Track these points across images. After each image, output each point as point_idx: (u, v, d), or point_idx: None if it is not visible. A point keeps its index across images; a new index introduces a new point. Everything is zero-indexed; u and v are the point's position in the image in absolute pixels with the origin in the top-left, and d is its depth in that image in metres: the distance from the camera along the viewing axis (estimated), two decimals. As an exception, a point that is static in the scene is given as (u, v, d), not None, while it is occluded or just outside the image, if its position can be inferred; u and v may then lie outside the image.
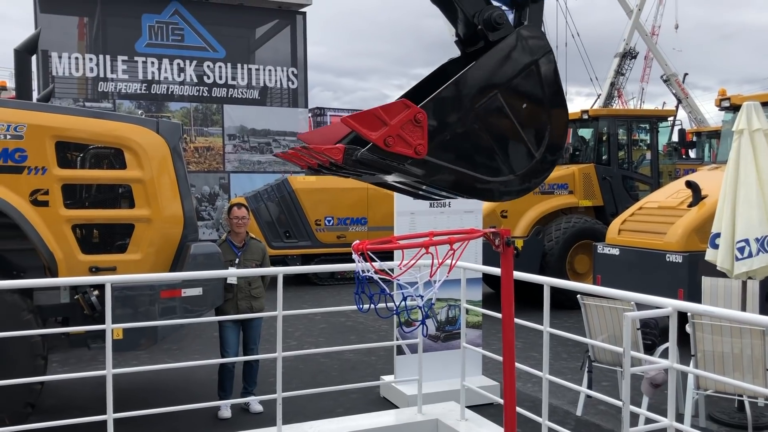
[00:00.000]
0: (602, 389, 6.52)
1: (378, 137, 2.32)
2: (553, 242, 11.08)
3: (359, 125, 2.31)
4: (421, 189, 2.72)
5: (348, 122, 2.32)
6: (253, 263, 6.27)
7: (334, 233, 14.18)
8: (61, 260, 5.20)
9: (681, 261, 8.02)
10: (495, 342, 8.50)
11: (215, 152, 19.80)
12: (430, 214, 6.59)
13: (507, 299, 2.70)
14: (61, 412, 6.01)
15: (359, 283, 2.51)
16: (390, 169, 2.45)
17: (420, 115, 2.38)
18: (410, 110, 2.38)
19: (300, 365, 7.75)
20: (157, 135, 5.62)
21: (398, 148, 2.37)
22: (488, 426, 5.20)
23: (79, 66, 18.67)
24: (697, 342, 5.35)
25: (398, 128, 2.36)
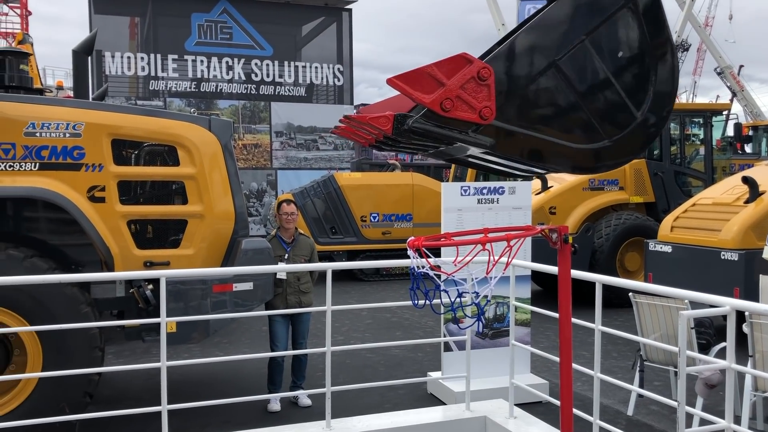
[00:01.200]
0: (654, 389, 6.40)
1: (433, 100, 1.95)
2: (603, 239, 10.90)
3: (408, 86, 1.94)
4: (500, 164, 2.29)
5: (394, 83, 1.94)
6: (302, 259, 6.33)
7: (380, 229, 14.22)
8: (117, 255, 5.34)
9: (737, 259, 7.80)
10: (543, 340, 8.41)
11: (263, 149, 20.05)
12: (478, 211, 6.55)
13: (564, 297, 2.66)
14: (117, 402, 6.19)
15: (414, 279, 2.49)
16: (450, 139, 2.06)
17: (485, 70, 1.99)
18: (472, 65, 1.97)
19: (347, 360, 7.80)
20: (209, 132, 5.71)
21: (458, 113, 1.99)
22: (537, 424, 5.15)
23: (131, 65, 19.11)
24: (755, 342, 5.20)
25: (457, 88, 1.97)
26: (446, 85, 1.96)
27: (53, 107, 5.40)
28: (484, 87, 1.99)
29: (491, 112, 2.02)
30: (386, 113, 2.09)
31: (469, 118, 2.01)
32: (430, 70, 1.95)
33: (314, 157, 20.50)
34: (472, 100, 2.00)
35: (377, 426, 5.13)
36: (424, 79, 1.95)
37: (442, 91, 1.95)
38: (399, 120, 2.05)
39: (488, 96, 2.00)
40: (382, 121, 2.07)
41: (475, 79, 1.99)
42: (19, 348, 5.10)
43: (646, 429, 5.73)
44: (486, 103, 2.01)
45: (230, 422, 5.73)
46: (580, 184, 11.27)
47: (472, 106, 2.00)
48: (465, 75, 1.98)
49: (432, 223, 13.29)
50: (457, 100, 1.98)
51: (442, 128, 2.02)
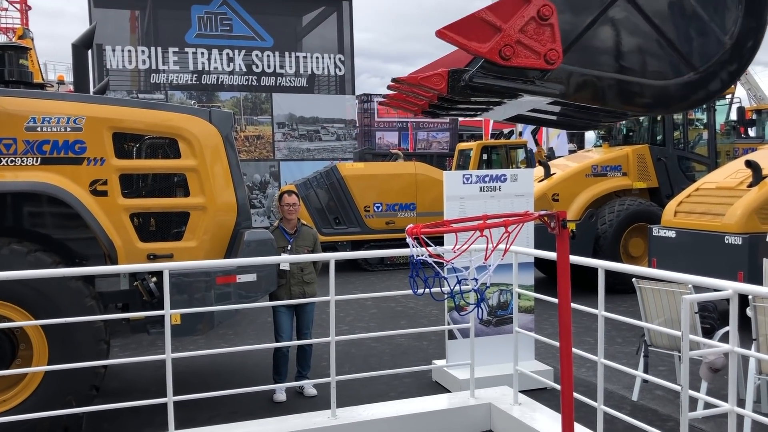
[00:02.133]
0: (658, 374, 6.40)
1: (490, 49, 1.72)
2: (607, 225, 10.89)
3: (460, 36, 1.70)
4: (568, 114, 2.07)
5: (445, 35, 1.71)
6: (305, 249, 6.34)
7: (383, 219, 14.22)
8: (120, 248, 5.36)
9: (740, 243, 7.79)
10: (547, 327, 8.42)
11: (265, 141, 20.05)
12: (480, 199, 6.54)
13: (563, 282, 2.67)
14: (124, 394, 6.23)
15: (413, 267, 2.49)
16: (514, 91, 1.84)
17: (546, 8, 1.76)
18: (530, 4, 1.74)
19: (352, 349, 7.83)
20: (209, 124, 5.72)
21: (521, 60, 1.76)
22: (542, 410, 5.17)
23: (132, 58, 19.10)
24: (758, 326, 5.19)
25: (517, 32, 1.74)
26: (503, 29, 1.73)
27: (54, 102, 5.41)
28: (547, 27, 1.76)
29: (558, 55, 1.79)
30: (439, 70, 1.87)
31: (533, 65, 1.78)
32: (483, 15, 1.72)
33: (317, 147, 20.49)
34: (535, 43, 1.76)
35: (383, 414, 5.16)
36: (478, 26, 1.72)
37: (500, 37, 1.72)
38: (454, 76, 1.83)
39: (552, 37, 1.77)
40: (434, 79, 1.84)
41: (535, 20, 1.75)
42: (24, 342, 5.13)
43: (651, 414, 5.74)
44: (551, 46, 1.77)
45: (236, 413, 5.77)
46: (582, 170, 11.25)
47: (535, 51, 1.76)
48: (523, 16, 1.74)
49: (435, 211, 13.28)
50: (518, 45, 1.75)
51: (503, 79, 1.80)
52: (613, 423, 4.92)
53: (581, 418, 4.80)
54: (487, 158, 17.77)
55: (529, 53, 1.77)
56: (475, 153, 17.64)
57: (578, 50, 1.84)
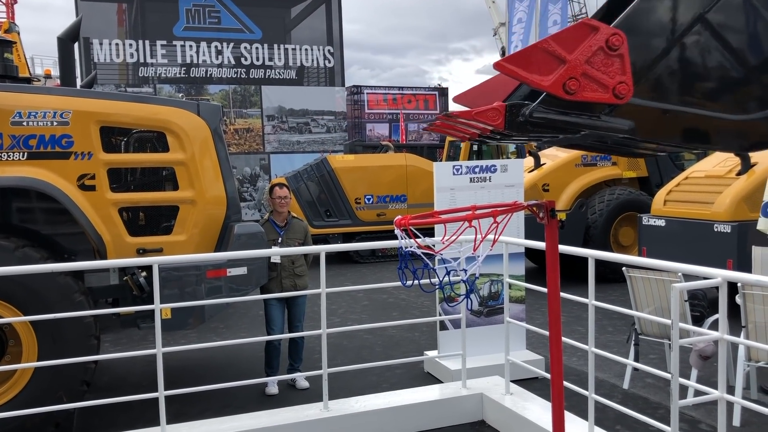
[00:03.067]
0: (649, 362, 6.44)
1: (553, 82, 1.59)
2: (597, 215, 10.92)
3: (521, 69, 1.58)
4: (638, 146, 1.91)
5: (504, 68, 1.60)
6: (296, 242, 6.33)
7: (374, 211, 14.21)
8: (110, 243, 5.32)
9: (730, 231, 7.83)
10: (539, 317, 8.45)
11: (255, 133, 19.98)
12: (471, 190, 6.54)
13: (552, 271, 2.67)
14: (115, 389, 6.21)
15: (402, 259, 2.48)
16: (578, 127, 1.72)
17: (615, 38, 1.61)
18: (598, 33, 1.60)
19: (344, 342, 7.83)
20: (197, 117, 5.68)
21: (587, 94, 1.63)
22: (533, 400, 5.19)
23: (120, 52, 18.97)
24: (747, 313, 5.23)
25: (583, 63, 1.60)
26: (568, 61, 1.59)
27: (40, 96, 5.35)
28: (616, 58, 1.62)
29: (628, 89, 1.64)
30: (495, 104, 1.74)
31: (600, 99, 1.64)
32: (546, 46, 1.59)
33: (307, 140, 20.44)
34: (603, 76, 1.62)
35: (375, 406, 5.16)
36: (540, 58, 1.59)
37: (564, 70, 1.59)
38: (512, 111, 1.72)
39: (622, 69, 1.63)
40: (490, 114, 1.72)
41: (603, 50, 1.61)
42: (13, 338, 5.09)
43: (642, 402, 5.77)
44: (620, 78, 1.63)
45: (229, 406, 5.76)
46: (572, 160, 11.27)
47: (603, 84, 1.62)
48: (591, 46, 1.60)
49: (427, 203, 13.28)
50: (584, 78, 1.61)
51: (567, 115, 1.67)
52: (605, 411, 4.94)
53: (573, 406, 4.83)
54: (477, 149, 17.76)
55: (596, 86, 1.64)
56: (465, 144, 17.62)
57: (649, 82, 1.70)
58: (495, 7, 28.68)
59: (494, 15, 29.28)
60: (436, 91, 31.83)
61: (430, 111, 29.88)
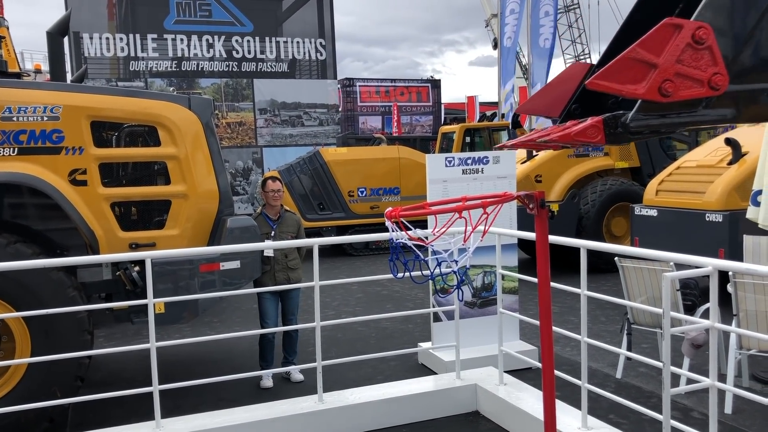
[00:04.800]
0: (642, 351, 6.48)
1: (648, 89, 1.59)
2: (589, 205, 10.95)
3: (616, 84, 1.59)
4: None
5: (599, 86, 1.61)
6: (289, 235, 6.33)
7: (368, 204, 14.21)
8: (102, 238, 5.31)
9: (721, 220, 7.87)
10: (532, 307, 8.48)
11: (247, 127, 19.93)
12: (463, 181, 6.55)
13: (542, 262, 2.68)
14: (109, 384, 6.21)
15: (393, 251, 2.48)
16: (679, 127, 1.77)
17: (701, 31, 1.61)
18: (683, 30, 1.60)
19: (338, 334, 7.85)
20: (189, 111, 5.66)
21: (683, 92, 1.62)
22: (527, 390, 5.22)
23: (110, 46, 18.86)
24: (739, 302, 5.26)
25: (674, 64, 1.60)
26: (659, 64, 1.59)
27: (30, 90, 5.32)
28: (705, 51, 1.62)
29: (723, 78, 1.64)
30: (593, 121, 1.74)
31: (698, 95, 1.64)
32: (634, 54, 1.59)
33: (299, 133, 20.40)
34: (695, 71, 1.62)
35: (369, 398, 5.18)
36: (630, 67, 1.59)
37: (657, 74, 1.59)
38: (610, 124, 1.72)
39: (713, 60, 1.63)
40: (590, 132, 1.74)
41: (691, 46, 1.61)
42: (6, 335, 5.09)
43: (635, 391, 5.81)
44: (714, 70, 1.63)
45: (223, 400, 5.77)
46: (564, 151, 11.29)
47: (697, 79, 1.62)
48: (678, 45, 1.60)
49: (420, 195, 13.29)
50: (678, 78, 1.61)
51: (666, 117, 1.67)
52: (598, 401, 4.98)
53: (566, 396, 4.86)
54: (470, 141, 17.78)
55: (692, 83, 1.62)
56: (458, 136, 17.64)
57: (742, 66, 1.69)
58: (486, -3, 28.63)
59: (486, 6, 29.24)
60: (429, 83, 31.80)
61: (423, 103, 29.85)
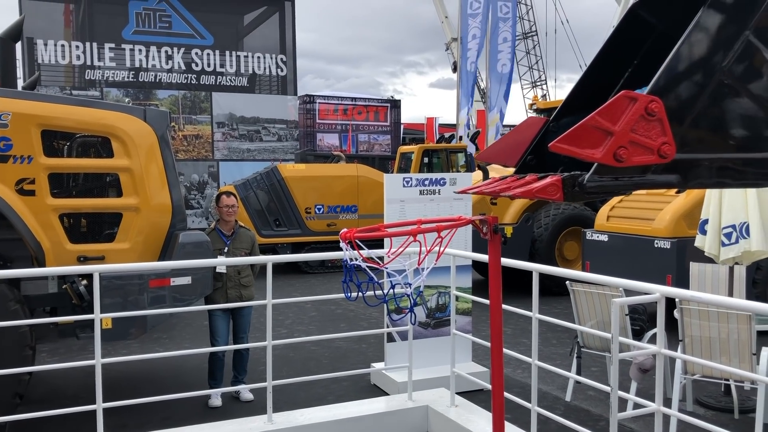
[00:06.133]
0: (591, 374, 6.57)
1: (604, 154, 1.74)
2: (543, 229, 11.12)
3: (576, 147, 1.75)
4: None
5: (561, 149, 1.77)
6: (243, 252, 6.25)
7: (325, 221, 14.17)
8: (49, 250, 5.16)
9: (669, 247, 8.07)
10: (485, 329, 8.52)
11: (204, 140, 19.72)
12: (420, 202, 6.58)
13: (495, 286, 2.70)
14: (50, 402, 6.00)
15: (347, 272, 2.48)
16: (630, 188, 1.91)
17: (653, 104, 1.77)
18: (638, 102, 1.77)
19: (291, 353, 7.76)
20: (144, 123, 5.57)
21: (635, 159, 1.78)
22: (478, 412, 5.23)
23: (66, 54, 18.52)
24: (684, 327, 5.39)
25: (628, 132, 1.76)
26: (615, 132, 1.75)
27: (-22, 97, 5.18)
28: (656, 122, 1.79)
29: (671, 147, 1.80)
30: (552, 180, 1.89)
31: (648, 161, 1.79)
32: (593, 123, 1.75)
33: (257, 148, 20.27)
34: (647, 140, 1.78)
35: (320, 418, 5.12)
36: (589, 134, 1.75)
37: (613, 141, 1.75)
38: (568, 183, 1.88)
39: (663, 131, 1.79)
40: (550, 190, 1.88)
41: (644, 117, 1.78)
42: (-57, 348, 4.89)
43: (584, 414, 5.88)
44: (663, 139, 1.79)
45: (170, 419, 5.63)
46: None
47: (648, 147, 1.78)
48: (633, 115, 1.76)
49: (377, 214, 13.31)
50: (631, 145, 1.77)
51: (618, 180, 1.84)
52: (547, 423, 5.02)
53: (516, 419, 4.88)
54: (428, 161, 17.91)
55: (642, 150, 1.77)
56: (416, 156, 17.75)
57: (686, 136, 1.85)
58: (447, 22, 29.05)
59: (447, 30, 29.66)
60: (388, 103, 31.97)
61: (380, 123, 29.98)
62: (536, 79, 41.56)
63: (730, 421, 5.65)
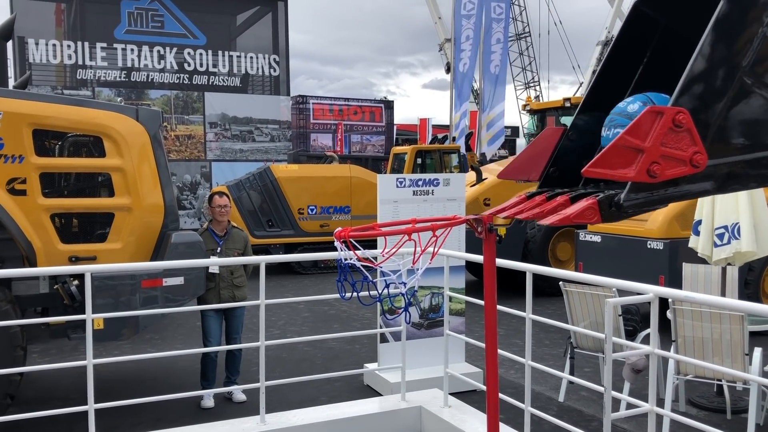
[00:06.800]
0: (584, 375, 6.57)
1: (638, 172, 1.74)
2: (536, 230, 11.13)
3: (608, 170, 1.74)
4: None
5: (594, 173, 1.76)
6: (235, 252, 6.23)
7: (317, 222, 14.14)
8: (40, 250, 5.13)
9: (662, 248, 8.09)
10: (478, 329, 8.54)
11: (196, 140, 19.66)
12: (414, 202, 6.57)
13: (489, 286, 2.70)
14: (42, 402, 5.96)
15: (341, 271, 2.46)
16: (665, 202, 1.90)
17: (680, 116, 1.77)
18: (664, 116, 1.76)
19: (284, 354, 7.74)
20: (136, 123, 5.55)
21: (669, 172, 1.77)
22: (471, 413, 5.22)
23: (57, 53, 18.42)
24: (677, 328, 5.40)
25: (658, 147, 1.75)
26: (645, 149, 1.74)
27: (-32, 96, 5.14)
28: (684, 133, 1.78)
29: (703, 156, 1.80)
30: (588, 203, 1.89)
31: (682, 173, 1.80)
32: (622, 143, 1.74)
33: (250, 148, 20.22)
34: (678, 152, 1.77)
35: (313, 419, 5.10)
36: (619, 154, 1.75)
37: (644, 158, 1.74)
38: (604, 204, 1.87)
39: (692, 140, 1.78)
40: (588, 214, 1.89)
41: (672, 129, 1.77)
42: (-67, 349, 4.85)
43: (576, 414, 5.88)
44: (694, 149, 1.79)
45: (162, 420, 5.60)
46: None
47: (680, 159, 1.78)
48: (661, 129, 1.75)
49: (370, 214, 13.30)
50: (663, 159, 1.76)
51: (654, 194, 1.84)
52: (540, 424, 5.02)
53: (510, 419, 4.88)
54: (421, 162, 17.92)
55: (675, 163, 1.78)
56: (409, 157, 17.76)
57: (717, 142, 1.85)
58: (441, 23, 29.06)
59: (440, 31, 29.68)
60: (382, 104, 31.98)
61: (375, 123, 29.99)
62: (529, 81, 41.64)
63: (722, 422, 5.67)
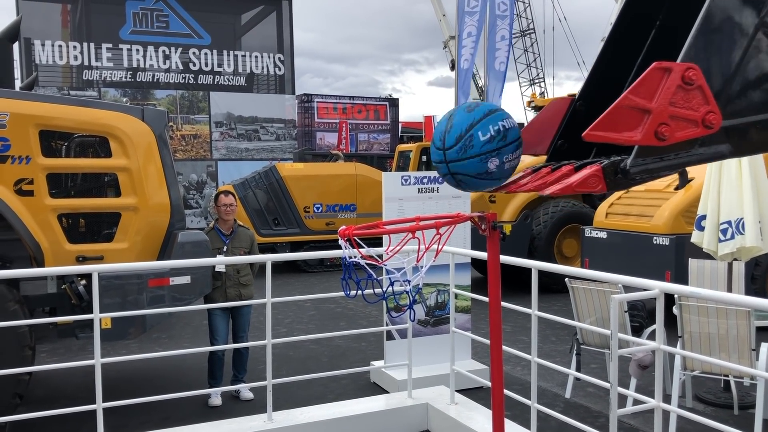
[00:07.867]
0: (591, 371, 6.57)
1: (645, 135, 1.60)
2: (541, 226, 11.12)
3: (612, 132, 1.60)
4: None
5: (596, 137, 1.61)
6: (242, 251, 6.25)
7: (323, 220, 14.17)
8: (47, 250, 5.16)
9: (668, 243, 8.08)
10: (484, 326, 8.53)
11: (202, 140, 19.71)
12: (419, 200, 6.58)
13: (494, 283, 2.70)
14: (50, 402, 6.00)
15: (346, 269, 2.47)
16: (676, 168, 1.77)
17: (691, 72, 1.62)
18: (672, 73, 1.61)
19: (290, 352, 7.76)
20: (142, 123, 5.57)
21: (679, 134, 1.63)
22: (478, 409, 5.23)
23: (63, 54, 18.49)
24: (683, 323, 5.39)
25: (667, 107, 1.61)
26: (653, 109, 1.60)
27: (-25, 97, 5.17)
28: (695, 91, 1.63)
29: (716, 116, 1.66)
30: (592, 170, 1.75)
31: (694, 135, 1.65)
32: (627, 102, 1.60)
33: (255, 147, 20.26)
34: (689, 112, 1.63)
35: (320, 417, 5.12)
36: (624, 115, 1.60)
37: (651, 119, 1.60)
38: (609, 172, 1.72)
39: (705, 99, 1.64)
40: (591, 182, 1.74)
41: (682, 87, 1.62)
42: (-58, 349, 4.88)
43: (583, 411, 5.88)
44: (706, 108, 1.64)
45: (170, 418, 5.63)
46: (518, 172, 11.44)
47: (692, 120, 1.64)
48: (669, 88, 1.61)
49: (376, 213, 13.31)
50: (672, 120, 1.62)
51: (663, 160, 1.69)
52: (547, 420, 5.02)
53: (516, 416, 4.89)
54: (426, 160, 17.91)
55: (686, 124, 1.64)
56: (414, 154, 17.74)
57: (732, 101, 1.71)
58: (445, 20, 29.05)
59: (444, 28, 29.67)
60: (387, 102, 31.98)
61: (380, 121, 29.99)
62: (534, 77, 41.56)
63: (729, 417, 5.66)
